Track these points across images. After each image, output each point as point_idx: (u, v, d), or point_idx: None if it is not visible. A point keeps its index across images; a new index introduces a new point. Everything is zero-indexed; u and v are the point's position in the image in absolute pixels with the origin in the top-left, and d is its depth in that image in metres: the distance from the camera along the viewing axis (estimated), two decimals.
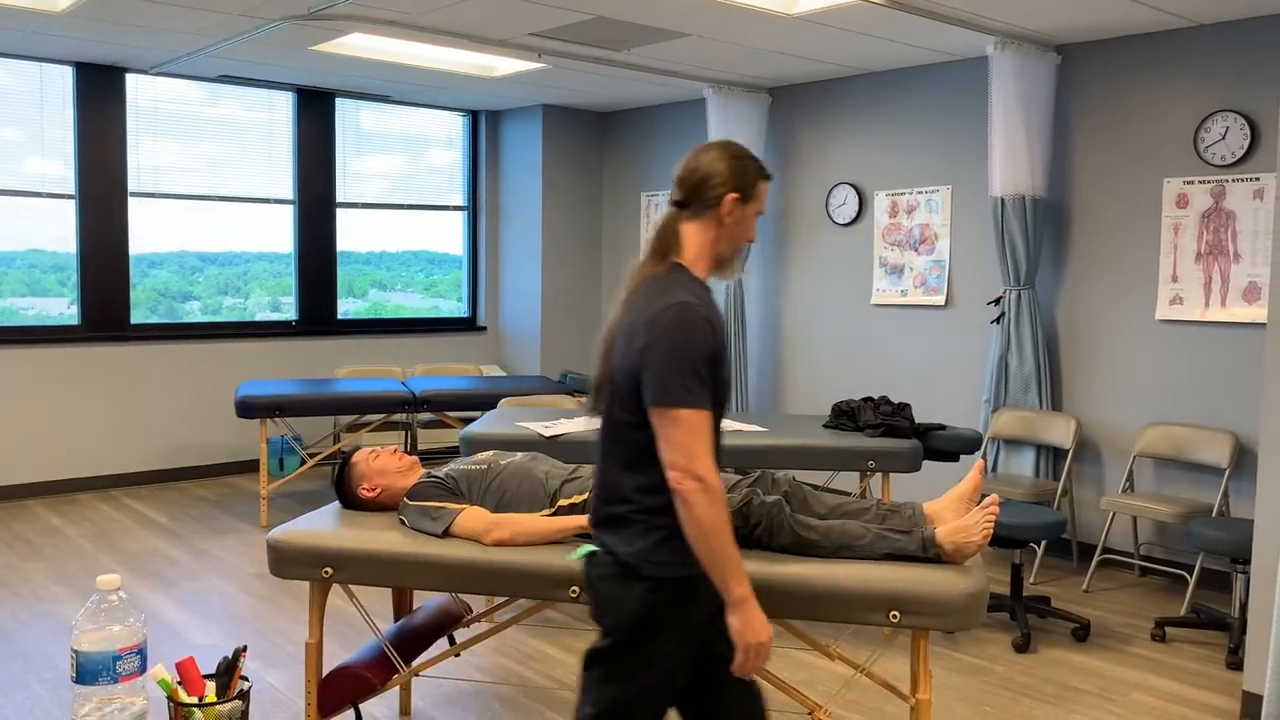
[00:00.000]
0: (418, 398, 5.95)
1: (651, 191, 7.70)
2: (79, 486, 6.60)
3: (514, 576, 2.65)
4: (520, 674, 3.80)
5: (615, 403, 2.07)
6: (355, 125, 7.59)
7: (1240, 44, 4.79)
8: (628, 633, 2.06)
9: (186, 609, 4.46)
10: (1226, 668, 4.00)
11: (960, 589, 2.45)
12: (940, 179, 5.96)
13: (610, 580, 2.07)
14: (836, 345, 6.51)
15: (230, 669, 1.75)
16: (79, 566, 5.00)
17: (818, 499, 2.89)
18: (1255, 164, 4.75)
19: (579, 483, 2.90)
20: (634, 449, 2.05)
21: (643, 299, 2.06)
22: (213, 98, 7.00)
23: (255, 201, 7.22)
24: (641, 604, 2.04)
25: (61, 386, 6.50)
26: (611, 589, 2.07)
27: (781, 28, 5.16)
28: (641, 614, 2.04)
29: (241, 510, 6.18)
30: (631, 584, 2.05)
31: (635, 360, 2.01)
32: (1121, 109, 5.20)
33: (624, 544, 2.06)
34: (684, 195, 2.09)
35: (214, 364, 7.03)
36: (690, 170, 2.08)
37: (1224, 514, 4.74)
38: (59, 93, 6.45)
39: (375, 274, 7.86)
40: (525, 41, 5.58)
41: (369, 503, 3.05)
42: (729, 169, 2.07)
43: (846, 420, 4.40)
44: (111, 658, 1.57)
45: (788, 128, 6.74)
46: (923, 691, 2.60)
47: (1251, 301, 4.78)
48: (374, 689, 2.86)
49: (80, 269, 6.56)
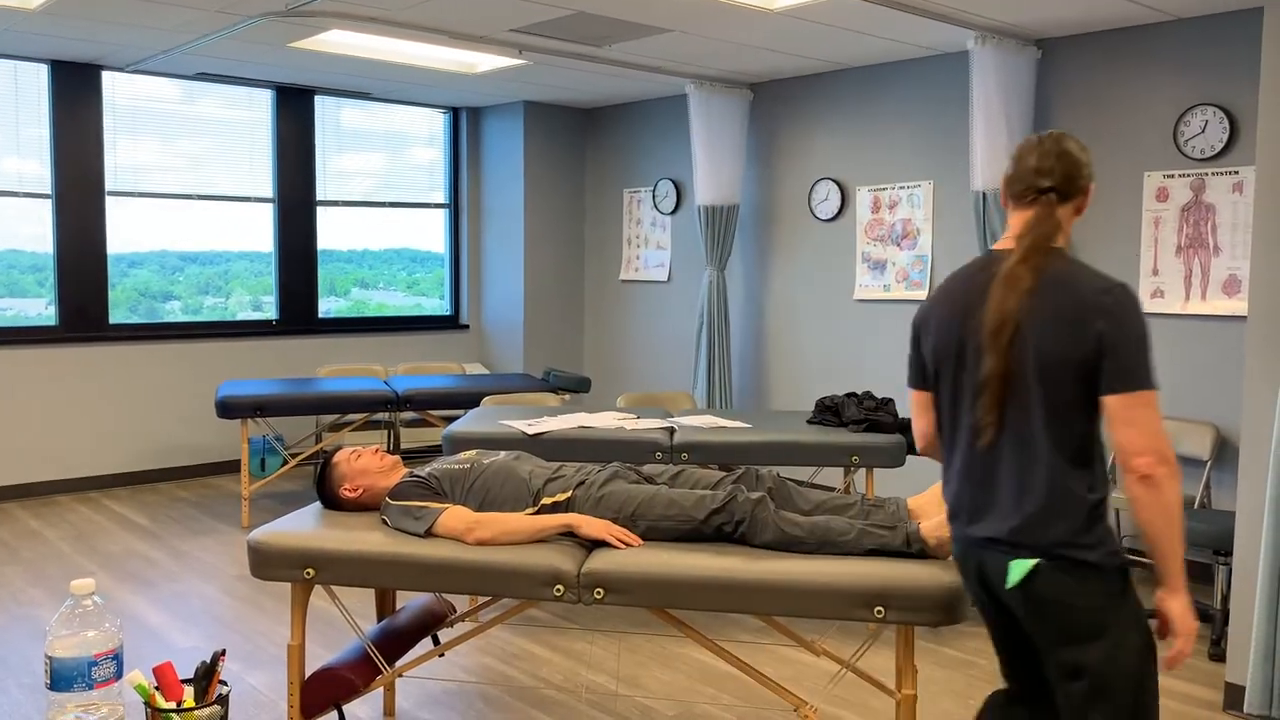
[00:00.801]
0: (400, 396, 5.92)
1: (634, 188, 7.68)
2: (58, 488, 6.54)
3: (498, 575, 2.63)
4: (505, 673, 3.79)
5: (1049, 397, 1.98)
6: (335, 123, 7.54)
7: (1219, 38, 4.81)
8: (1110, 631, 1.97)
9: (167, 611, 4.43)
10: (1209, 659, 4.02)
11: (945, 584, 2.45)
12: (922, 174, 5.96)
13: (1078, 591, 1.97)
14: (819, 341, 6.51)
15: (209, 673, 1.73)
16: (58, 569, 4.96)
17: (802, 495, 2.89)
18: (1234, 157, 4.77)
19: (562, 481, 2.89)
20: (1078, 443, 1.98)
21: (1061, 286, 1.98)
22: (191, 96, 6.94)
23: (235, 200, 7.16)
24: (1113, 599, 1.97)
25: (40, 388, 6.44)
26: (1081, 597, 1.97)
27: (763, 23, 5.15)
28: (1121, 609, 1.98)
29: (222, 511, 6.14)
30: (1095, 582, 1.97)
31: (1088, 346, 1.94)
32: (1101, 103, 5.21)
33: (1084, 547, 1.96)
34: (1056, 184, 2.07)
35: (194, 364, 6.98)
36: (1063, 160, 2.07)
37: (1205, 506, 4.76)
38: (34, 91, 6.39)
39: (357, 272, 7.82)
40: (506, 38, 5.55)
41: (351, 503, 3.03)
42: (1089, 160, 2.11)
43: (830, 416, 4.40)
44: (87, 664, 1.55)
45: (769, 123, 6.74)
46: (908, 686, 2.60)
47: (1231, 294, 4.80)
48: (357, 690, 2.84)
49: (58, 269, 6.50)
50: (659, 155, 7.49)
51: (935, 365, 2.14)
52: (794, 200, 6.63)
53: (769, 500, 2.71)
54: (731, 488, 2.77)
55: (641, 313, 7.68)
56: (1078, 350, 1.94)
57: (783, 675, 3.78)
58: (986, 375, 2.01)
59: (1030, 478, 2.00)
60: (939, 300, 2.15)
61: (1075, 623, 1.97)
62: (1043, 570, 1.97)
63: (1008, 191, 2.13)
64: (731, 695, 3.61)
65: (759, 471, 2.93)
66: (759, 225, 6.83)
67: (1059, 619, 1.98)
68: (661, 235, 7.49)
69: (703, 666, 3.87)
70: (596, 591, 2.58)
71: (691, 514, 2.71)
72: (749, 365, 6.94)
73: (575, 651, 4.01)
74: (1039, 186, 2.07)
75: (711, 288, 6.68)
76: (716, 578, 2.53)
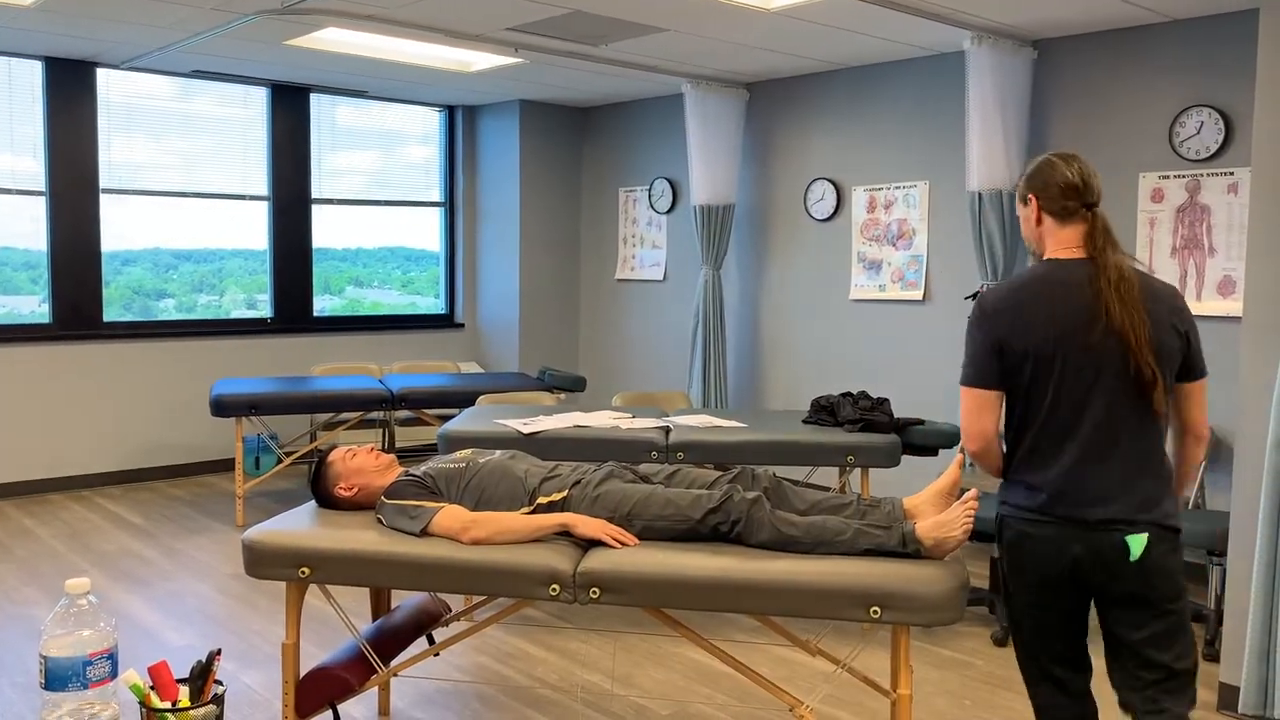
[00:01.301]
0: (395, 395, 5.91)
1: (629, 187, 7.68)
2: (51, 487, 6.52)
3: (493, 575, 2.63)
4: (500, 673, 3.78)
5: (1167, 388, 2.29)
6: (331, 121, 7.53)
7: (1214, 39, 4.81)
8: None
9: (161, 610, 4.42)
10: (1203, 659, 4.03)
11: (940, 584, 2.45)
12: (918, 174, 5.97)
13: (1175, 553, 2.31)
14: (815, 340, 6.52)
15: (204, 673, 1.72)
16: (51, 568, 4.94)
17: (798, 494, 2.89)
18: (1229, 158, 4.78)
19: (558, 480, 2.88)
20: (1162, 425, 2.33)
21: (1150, 291, 2.29)
22: (186, 93, 6.92)
23: (230, 198, 7.15)
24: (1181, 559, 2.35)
25: (33, 386, 6.42)
26: (1177, 560, 2.31)
27: (759, 23, 5.15)
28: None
29: (217, 510, 6.12)
30: (1181, 545, 2.33)
31: (1181, 342, 2.30)
32: (1097, 104, 5.22)
33: (1174, 514, 2.31)
34: (1096, 198, 2.36)
35: (189, 362, 6.97)
36: (1095, 177, 2.37)
37: (1200, 506, 4.77)
38: (28, 88, 6.37)
39: (351, 271, 7.81)
40: (502, 36, 5.55)
41: (346, 502, 3.02)
42: None
43: (825, 415, 4.40)
44: (81, 663, 1.54)
45: (766, 123, 6.74)
46: (903, 686, 2.60)
47: (1226, 295, 4.81)
48: (352, 689, 2.84)
49: (51, 266, 6.48)
50: (655, 154, 7.49)
51: (1035, 365, 2.28)
52: (790, 200, 6.63)
53: (765, 500, 2.70)
54: (727, 487, 2.76)
55: (637, 312, 7.68)
56: (1178, 346, 2.29)
57: (778, 675, 3.78)
58: (1136, 372, 2.25)
59: (1148, 461, 2.29)
60: (1030, 304, 2.29)
61: (1177, 580, 2.30)
62: (1154, 540, 2.26)
63: (1049, 207, 2.35)
64: (727, 695, 3.62)
65: (755, 471, 2.93)
66: (755, 225, 6.83)
67: (1169, 580, 2.28)
68: (657, 234, 7.49)
69: (698, 666, 3.87)
70: (592, 591, 2.58)
71: (687, 513, 2.71)
72: (745, 364, 6.94)
73: (570, 651, 4.01)
74: (1089, 202, 2.34)
75: (707, 287, 6.68)
76: (712, 577, 2.53)
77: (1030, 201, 2.38)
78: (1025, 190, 2.40)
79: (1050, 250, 2.35)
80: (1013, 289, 2.32)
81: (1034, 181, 2.37)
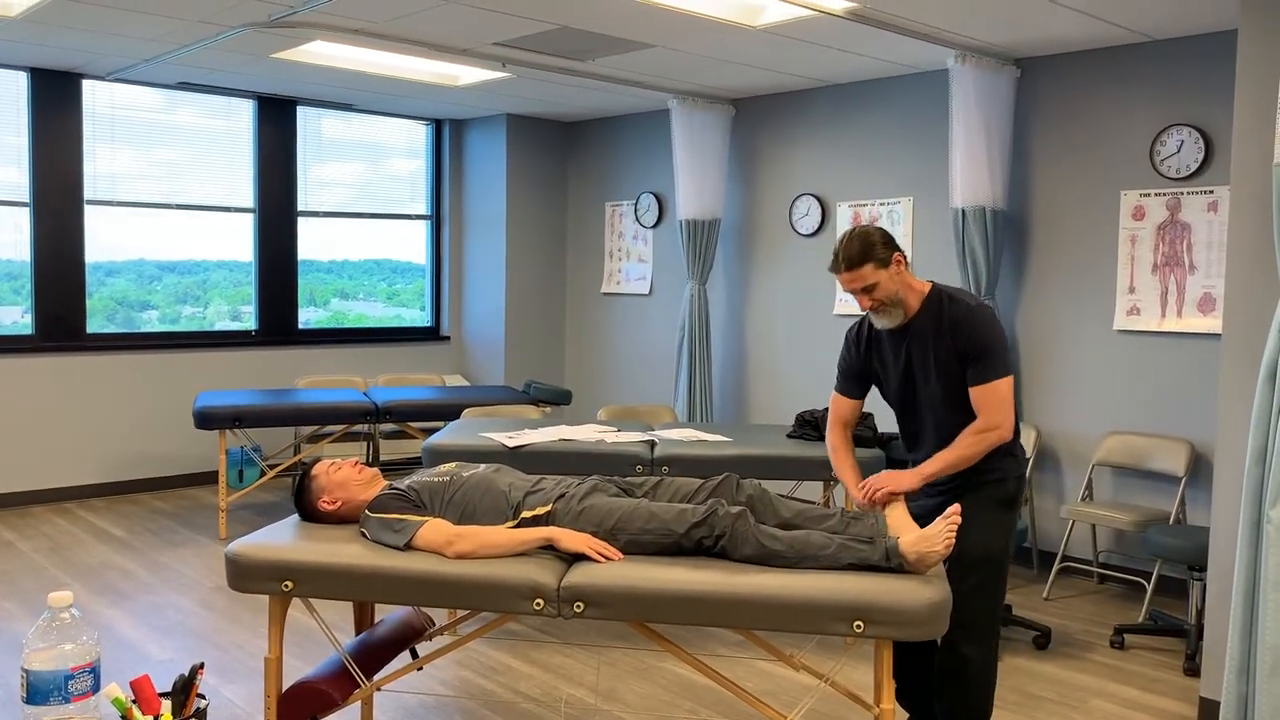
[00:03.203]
0: (380, 408, 5.90)
1: (615, 201, 7.70)
2: (33, 499, 6.48)
3: (477, 589, 2.63)
4: (483, 687, 3.77)
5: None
6: (317, 133, 7.53)
7: (1195, 59, 4.87)
8: None
9: (143, 624, 4.39)
10: (1184, 674, 4.05)
11: (923, 599, 2.46)
12: (902, 190, 6.01)
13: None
14: (800, 355, 6.54)
15: (186, 687, 1.72)
16: (32, 581, 4.91)
17: (783, 504, 2.90)
18: (1209, 177, 4.83)
19: (542, 494, 2.88)
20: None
21: None
22: (172, 104, 6.92)
23: (215, 210, 7.14)
24: None
25: (15, 397, 6.38)
26: None
27: (745, 40, 5.18)
28: None
29: (200, 523, 6.09)
30: None
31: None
32: (1079, 122, 5.27)
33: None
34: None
35: (172, 374, 6.94)
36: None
37: (1181, 522, 4.80)
38: (13, 98, 6.35)
39: (337, 283, 7.80)
40: (489, 51, 5.56)
41: (329, 516, 3.01)
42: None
43: (810, 430, 4.42)
44: (63, 677, 1.54)
45: (751, 139, 6.77)
46: (886, 701, 2.60)
47: (1206, 312, 4.86)
48: (335, 704, 2.82)
49: (35, 277, 6.45)
50: (641, 169, 7.51)
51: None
52: (775, 215, 6.66)
53: (749, 514, 2.71)
54: (711, 501, 2.77)
55: (623, 326, 7.69)
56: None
57: (761, 689, 3.78)
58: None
59: None
60: None
61: None
62: None
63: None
64: (710, 709, 3.62)
65: (739, 481, 2.94)
66: (740, 240, 6.86)
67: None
68: (643, 249, 7.51)
69: (681, 680, 3.87)
70: (576, 605, 2.58)
71: (672, 528, 2.71)
72: (730, 379, 6.96)
73: (554, 665, 4.00)
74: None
75: (693, 301, 6.70)
76: (696, 592, 2.53)
77: (899, 259, 2.89)
78: (891, 251, 2.87)
79: (918, 282, 2.98)
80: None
81: (892, 244, 2.88)
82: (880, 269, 2.86)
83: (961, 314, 2.87)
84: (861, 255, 2.84)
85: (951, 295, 2.93)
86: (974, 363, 2.86)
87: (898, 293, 2.90)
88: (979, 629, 2.95)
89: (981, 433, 2.86)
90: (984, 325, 2.86)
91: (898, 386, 3.05)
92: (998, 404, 2.84)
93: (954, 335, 2.87)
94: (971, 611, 2.91)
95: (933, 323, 2.92)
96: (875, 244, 2.85)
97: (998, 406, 2.84)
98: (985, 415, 2.85)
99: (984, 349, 2.85)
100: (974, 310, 2.88)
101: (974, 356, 2.86)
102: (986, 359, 2.84)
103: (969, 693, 2.97)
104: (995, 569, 2.95)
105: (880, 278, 2.87)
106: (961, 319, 2.87)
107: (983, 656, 2.96)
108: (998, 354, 2.85)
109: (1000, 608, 3.00)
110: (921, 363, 2.96)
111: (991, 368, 2.84)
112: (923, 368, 2.96)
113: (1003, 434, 2.85)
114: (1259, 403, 3.14)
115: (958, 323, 2.87)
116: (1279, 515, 3.10)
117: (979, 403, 2.86)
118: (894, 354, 3.02)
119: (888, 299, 2.90)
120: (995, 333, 2.87)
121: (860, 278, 2.86)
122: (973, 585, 2.92)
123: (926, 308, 2.93)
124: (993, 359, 2.84)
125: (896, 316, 2.93)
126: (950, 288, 2.96)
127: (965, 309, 2.88)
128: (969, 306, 2.89)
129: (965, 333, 2.86)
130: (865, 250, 2.85)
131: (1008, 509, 2.96)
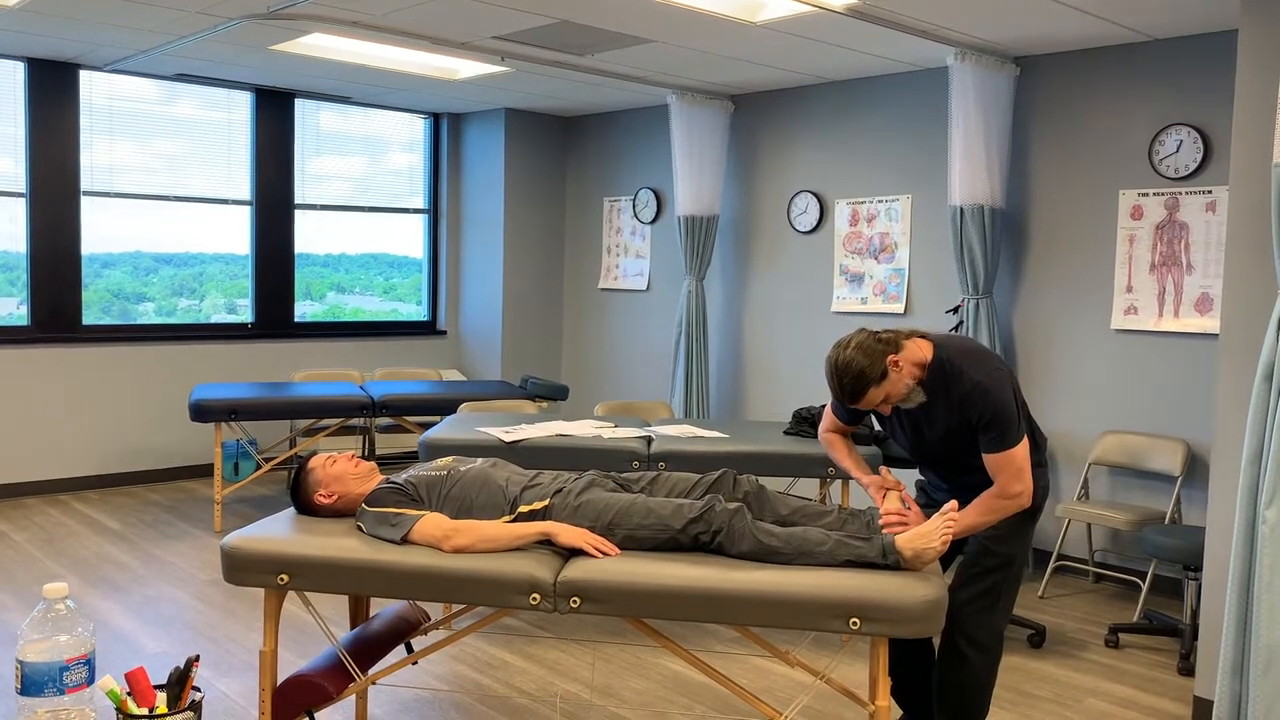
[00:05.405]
0: (376, 402, 5.90)
1: (614, 196, 7.69)
2: (27, 491, 6.47)
3: (473, 583, 2.62)
4: (478, 682, 3.77)
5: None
6: (315, 126, 7.51)
7: (1194, 59, 4.87)
8: None
9: (138, 616, 4.38)
10: (1178, 673, 4.06)
11: (919, 596, 2.46)
12: (900, 188, 6.00)
13: None
14: (797, 352, 6.54)
15: (181, 679, 1.71)
16: (26, 573, 4.90)
17: (780, 500, 2.90)
18: (1208, 177, 4.84)
19: (539, 489, 2.88)
20: None
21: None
22: (169, 96, 6.90)
23: (212, 202, 7.12)
24: None
25: (10, 388, 6.36)
26: None
27: (745, 36, 5.18)
28: None
29: (195, 516, 6.08)
30: None
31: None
32: (1078, 121, 5.27)
33: None
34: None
35: (168, 366, 6.92)
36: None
37: (1176, 521, 4.81)
38: (10, 89, 6.33)
39: (333, 276, 7.79)
40: (488, 44, 5.55)
41: (326, 509, 3.01)
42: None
43: (807, 427, 4.41)
44: (58, 668, 1.53)
45: (750, 135, 6.77)
46: (881, 698, 2.60)
47: (1204, 312, 4.86)
48: (330, 697, 2.82)
49: (30, 268, 6.44)
50: (640, 164, 7.51)
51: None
52: (773, 212, 6.66)
53: (746, 510, 2.71)
54: (709, 497, 2.77)
55: (620, 321, 7.69)
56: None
57: (757, 686, 3.78)
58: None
59: None
60: None
61: None
62: None
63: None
64: (706, 705, 3.62)
65: (736, 476, 2.94)
66: (738, 236, 6.85)
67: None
68: (641, 244, 7.50)
69: (677, 676, 3.87)
70: (573, 600, 2.57)
71: (669, 523, 2.71)
72: (727, 375, 6.96)
73: (550, 660, 4.00)
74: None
75: (690, 298, 6.70)
76: (693, 588, 2.53)
77: (893, 359, 2.77)
78: (883, 360, 2.76)
79: (919, 353, 2.87)
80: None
81: (880, 351, 2.76)
82: (883, 383, 2.78)
83: (969, 391, 2.79)
84: (859, 388, 2.77)
85: (956, 365, 2.82)
86: (985, 432, 2.79)
87: (909, 385, 2.82)
88: (986, 632, 2.95)
89: (999, 499, 2.80)
90: (994, 400, 2.77)
91: (905, 437, 3.01)
92: (1014, 473, 2.78)
93: (963, 411, 2.80)
94: (982, 615, 2.92)
95: (941, 390, 2.84)
96: (864, 371, 2.74)
97: (1014, 475, 2.78)
98: (1001, 483, 2.79)
99: (994, 421, 2.77)
100: (982, 387, 2.79)
101: (984, 427, 2.79)
102: (997, 429, 2.77)
103: (969, 694, 2.97)
104: (1012, 575, 2.96)
105: (886, 390, 2.79)
106: (970, 398, 2.79)
107: (986, 662, 2.96)
108: (1010, 424, 2.77)
109: (1009, 614, 3.00)
110: (928, 419, 2.89)
111: (1003, 439, 2.77)
112: (929, 422, 2.90)
113: (1022, 501, 2.80)
114: (1256, 403, 3.14)
115: (967, 400, 2.79)
116: (1274, 515, 3.11)
117: (993, 469, 2.80)
118: (895, 412, 2.97)
119: (903, 397, 2.83)
120: (1005, 403, 2.78)
121: (870, 402, 2.80)
122: (987, 587, 2.92)
123: (932, 377, 2.84)
124: (1005, 430, 2.77)
125: (918, 396, 2.85)
126: (952, 348, 2.86)
127: (972, 386, 2.79)
128: (975, 382, 2.79)
129: (976, 409, 2.79)
130: (860, 383, 2.75)
131: (1030, 517, 2.95)
